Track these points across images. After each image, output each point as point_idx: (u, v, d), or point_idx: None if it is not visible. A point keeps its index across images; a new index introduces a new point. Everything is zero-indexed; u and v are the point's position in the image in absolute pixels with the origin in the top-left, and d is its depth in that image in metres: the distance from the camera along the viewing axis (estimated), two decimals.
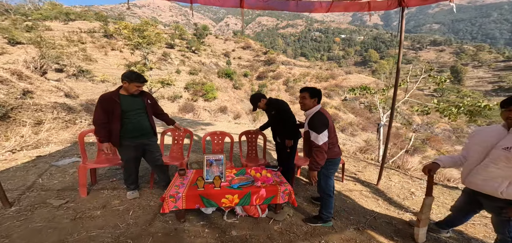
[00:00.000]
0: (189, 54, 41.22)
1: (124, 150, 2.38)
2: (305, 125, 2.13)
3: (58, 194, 2.54)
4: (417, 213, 1.84)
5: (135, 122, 2.32)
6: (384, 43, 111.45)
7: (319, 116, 1.98)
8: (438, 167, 1.74)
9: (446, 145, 21.99)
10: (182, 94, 22.60)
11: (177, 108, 18.42)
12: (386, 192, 3.03)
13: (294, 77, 42.13)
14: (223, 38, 65.11)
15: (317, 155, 1.91)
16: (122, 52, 29.92)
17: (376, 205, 2.68)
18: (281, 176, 2.41)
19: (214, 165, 2.33)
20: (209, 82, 28.30)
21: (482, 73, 64.12)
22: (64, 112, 6.12)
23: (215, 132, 3.33)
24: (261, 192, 2.10)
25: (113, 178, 3.04)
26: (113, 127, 2.23)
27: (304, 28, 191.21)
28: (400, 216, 2.45)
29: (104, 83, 19.98)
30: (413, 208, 2.65)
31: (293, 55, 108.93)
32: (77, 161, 3.61)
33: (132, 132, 2.31)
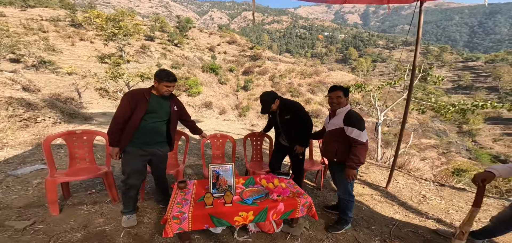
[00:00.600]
0: (171, 47, 39.24)
1: (129, 159, 1.96)
2: (335, 123, 2.04)
3: (20, 213, 2.04)
4: (461, 225, 1.71)
5: (153, 126, 1.99)
6: (363, 42, 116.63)
7: (355, 113, 1.93)
8: (493, 177, 1.59)
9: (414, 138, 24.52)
10: None
11: None
12: (397, 196, 2.93)
13: (280, 72, 42.32)
14: (207, 32, 63.12)
15: (361, 153, 1.85)
16: (93, 43, 27.43)
17: (392, 211, 2.56)
18: (296, 186, 2.17)
19: (222, 177, 2.01)
20: (193, 76, 27.32)
21: (444, 72, 70.15)
22: (22, 108, 5.22)
23: (215, 135, 2.99)
24: (279, 207, 1.83)
25: (91, 190, 2.56)
26: (128, 128, 1.89)
27: (289, 24, 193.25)
28: (422, 223, 2.34)
29: (71, 75, 18.09)
30: (433, 213, 2.56)
31: (278, 51, 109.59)
32: (42, 168, 3.02)
33: (146, 137, 1.97)
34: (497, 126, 37.32)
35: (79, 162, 2.46)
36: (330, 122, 2.12)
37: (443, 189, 3.16)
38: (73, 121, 6.43)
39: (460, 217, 2.53)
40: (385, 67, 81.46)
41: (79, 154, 2.46)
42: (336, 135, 2.01)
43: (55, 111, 6.09)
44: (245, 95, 38.12)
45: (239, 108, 33.90)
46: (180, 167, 2.64)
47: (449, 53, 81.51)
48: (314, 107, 33.96)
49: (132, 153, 1.95)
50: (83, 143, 2.49)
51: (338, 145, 1.99)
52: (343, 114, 1.97)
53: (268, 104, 2.32)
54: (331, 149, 2.05)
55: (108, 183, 2.32)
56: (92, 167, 2.46)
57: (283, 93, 37.59)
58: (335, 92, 2.04)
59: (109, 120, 9.65)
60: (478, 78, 59.15)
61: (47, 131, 5.12)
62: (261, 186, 2.14)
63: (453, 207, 2.75)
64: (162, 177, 2.27)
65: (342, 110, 2.01)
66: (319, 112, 32.92)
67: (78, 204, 2.27)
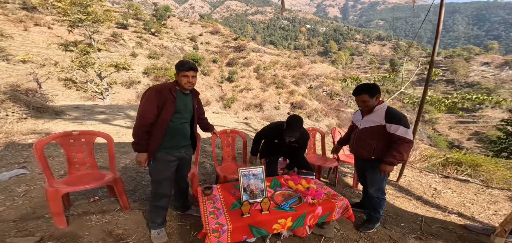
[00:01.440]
0: (147, 36, 36.62)
1: (159, 166, 1.75)
2: (372, 119, 1.96)
3: (19, 228, 1.75)
4: (503, 222, 1.78)
5: (180, 127, 1.79)
6: (342, 35, 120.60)
7: (395, 110, 1.87)
8: None
9: None
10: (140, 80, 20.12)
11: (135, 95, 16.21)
12: (410, 190, 3.03)
13: (264, 64, 42.16)
14: (188, 21, 60.02)
15: (406, 151, 1.80)
16: (52, 29, 24.48)
17: (412, 206, 2.62)
18: (325, 186, 2.12)
19: (252, 181, 1.88)
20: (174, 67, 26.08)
21: (411, 66, 76.08)
22: None
23: (225, 131, 2.80)
24: (317, 211, 1.76)
25: (93, 197, 2.29)
26: (156, 130, 1.67)
27: (273, 16, 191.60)
28: (447, 218, 2.39)
29: (26, 63, 15.99)
30: (452, 207, 2.61)
31: (262, 42, 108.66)
32: (22, 174, 2.64)
33: (174, 139, 1.77)
34: (452, 115, 41.69)
35: (79, 168, 2.15)
36: (365, 119, 2.03)
37: (449, 181, 3.37)
38: (41, 117, 5.70)
39: (477, 210, 2.62)
40: (361, 60, 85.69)
41: (78, 159, 2.15)
42: (374, 133, 1.94)
43: (18, 105, 5.33)
44: (230, 86, 37.43)
45: (224, 99, 33.28)
46: (195, 169, 2.44)
47: (415, 48, 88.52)
48: (297, 99, 34.67)
49: (163, 159, 1.73)
50: (81, 146, 2.17)
51: (376, 142, 1.93)
52: (383, 111, 1.89)
53: (297, 128, 2.15)
54: (368, 146, 1.98)
55: (118, 190, 2.06)
56: (95, 173, 2.17)
57: (268, 84, 37.65)
58: (360, 96, 1.92)
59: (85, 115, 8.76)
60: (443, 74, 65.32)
61: (13, 128, 4.46)
62: (289, 188, 2.06)
63: (467, 200, 2.85)
64: (185, 182, 2.08)
65: (379, 107, 1.93)
66: (303, 103, 33.74)
67: (85, 214, 2.01)
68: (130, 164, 3.43)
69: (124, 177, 2.90)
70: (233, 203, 1.79)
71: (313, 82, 42.35)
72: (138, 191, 2.63)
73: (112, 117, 7.13)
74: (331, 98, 39.77)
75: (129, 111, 8.61)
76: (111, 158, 2.28)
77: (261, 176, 1.90)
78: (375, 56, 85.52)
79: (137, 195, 2.54)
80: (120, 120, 6.74)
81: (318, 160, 3.06)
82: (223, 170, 2.56)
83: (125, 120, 6.82)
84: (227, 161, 2.77)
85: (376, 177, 1.99)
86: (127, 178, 2.91)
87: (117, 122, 6.45)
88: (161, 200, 1.80)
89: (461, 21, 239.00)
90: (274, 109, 31.49)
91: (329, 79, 42.88)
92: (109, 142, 2.25)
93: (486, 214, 2.54)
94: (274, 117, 26.75)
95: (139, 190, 2.64)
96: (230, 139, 2.78)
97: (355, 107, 36.99)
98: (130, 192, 2.56)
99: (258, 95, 35.09)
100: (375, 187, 2.03)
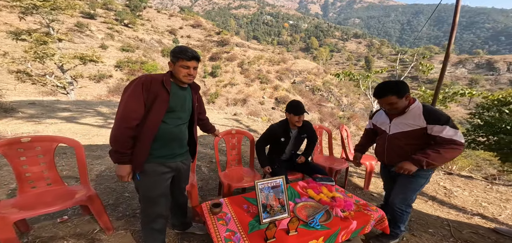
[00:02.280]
0: (120, 27, 33.73)
1: (150, 180, 1.35)
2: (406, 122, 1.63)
3: None
4: None
5: (176, 131, 1.39)
6: (323, 32, 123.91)
7: (435, 109, 1.57)
8: None
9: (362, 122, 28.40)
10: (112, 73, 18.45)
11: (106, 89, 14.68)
12: (423, 190, 2.89)
13: (249, 59, 41.58)
14: (167, 13, 56.62)
15: (451, 155, 1.49)
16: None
17: (431, 208, 2.48)
18: (350, 194, 1.86)
19: (272, 195, 1.53)
20: (151, 61, 24.34)
21: (382, 63, 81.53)
22: None
23: (230, 132, 2.41)
24: (351, 226, 1.48)
25: (61, 217, 1.82)
26: (144, 134, 1.25)
27: (257, 10, 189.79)
28: (472, 221, 2.29)
29: None
30: (471, 209, 2.54)
31: (246, 37, 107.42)
32: None
33: (169, 147, 1.38)
34: None
35: (35, 185, 1.62)
36: (395, 122, 1.68)
37: (454, 178, 3.34)
38: None
39: (497, 210, 2.56)
40: (340, 56, 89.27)
41: (33, 173, 1.62)
42: (412, 137, 1.60)
43: None
44: (213, 81, 36.32)
45: (207, 95, 32.21)
46: (193, 178, 2.02)
47: (386, 46, 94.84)
48: (282, 94, 34.85)
49: (153, 171, 1.33)
50: (36, 156, 1.64)
51: (414, 148, 1.60)
52: (420, 111, 1.57)
53: (302, 105, 2.12)
54: (404, 153, 1.64)
55: (96, 210, 1.60)
56: (61, 190, 1.66)
57: (253, 79, 37.21)
58: (386, 98, 1.58)
59: (44, 112, 7.73)
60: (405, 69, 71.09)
61: None
62: (310, 198, 1.75)
63: (481, 199, 2.80)
64: (183, 196, 1.69)
65: (413, 106, 1.60)
66: (287, 98, 33.99)
67: (53, 239, 1.55)
68: (107, 171, 2.87)
69: (100, 189, 2.38)
70: (249, 222, 1.43)
71: (296, 77, 42.86)
72: (121, 205, 2.15)
73: (79, 114, 6.19)
74: (313, 93, 40.69)
75: (101, 107, 7.62)
76: (82, 170, 1.77)
77: (282, 188, 1.56)
78: (352, 53, 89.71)
79: (120, 210, 2.07)
80: (89, 118, 5.87)
81: (326, 161, 2.81)
82: (228, 177, 2.18)
83: (96, 118, 5.96)
84: (232, 166, 2.38)
85: (408, 187, 1.68)
86: (105, 190, 2.39)
87: (86, 120, 5.60)
88: (157, 221, 1.42)
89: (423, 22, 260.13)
90: (259, 104, 31.25)
91: (311, 75, 43.78)
92: (77, 149, 1.74)
93: (507, 214, 2.48)
94: (259, 112, 26.54)
95: (122, 204, 2.16)
96: (235, 140, 2.38)
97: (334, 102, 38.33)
98: (111, 207, 2.08)
99: (242, 90, 34.59)
100: (401, 197, 1.72)
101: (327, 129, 3.12)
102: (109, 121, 5.76)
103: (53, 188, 1.68)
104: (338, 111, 33.97)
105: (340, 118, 27.88)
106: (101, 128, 5.12)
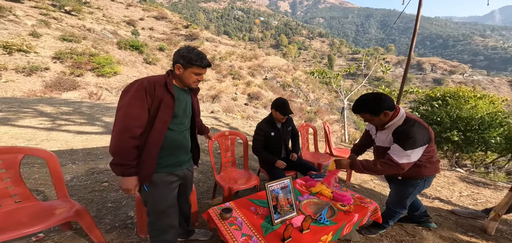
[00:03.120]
0: (58, 14, 28.99)
1: (159, 191, 1.27)
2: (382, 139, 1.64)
3: None
4: (497, 207, 1.96)
5: (181, 138, 1.33)
6: (291, 30, 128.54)
7: (408, 129, 1.45)
8: None
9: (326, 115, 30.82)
10: (49, 66, 15.90)
11: (41, 84, 12.49)
12: None
13: (220, 55, 40.50)
14: (124, 2, 50.71)
15: (385, 169, 1.49)
16: None
17: None
18: (347, 189, 2.01)
19: (281, 196, 1.57)
20: (104, 53, 21.69)
21: (341, 62, 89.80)
22: None
23: (223, 133, 2.35)
24: (354, 219, 1.63)
25: (36, 235, 1.62)
26: (150, 144, 1.16)
27: (227, 5, 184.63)
28: (434, 205, 2.56)
29: None
30: (431, 193, 2.80)
31: (216, 32, 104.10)
32: None
33: (175, 155, 1.32)
34: None
35: None
36: (378, 135, 1.70)
37: None
38: None
39: (448, 193, 2.88)
40: (307, 54, 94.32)
41: None
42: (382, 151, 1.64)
43: None
44: None
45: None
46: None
47: (344, 46, 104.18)
48: (254, 90, 35.05)
49: (162, 181, 1.25)
50: None
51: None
52: (392, 130, 1.53)
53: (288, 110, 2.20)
54: None
55: (86, 225, 1.44)
56: (34, 207, 1.42)
57: (225, 75, 36.45)
58: (360, 114, 1.57)
59: None
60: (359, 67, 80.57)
61: None
62: (311, 195, 1.85)
63: (437, 185, 3.14)
64: (188, 203, 1.64)
65: (391, 123, 1.54)
66: (259, 94, 34.39)
67: None
68: (75, 180, 2.53)
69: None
70: (262, 224, 1.46)
71: (268, 73, 43.60)
72: (106, 217, 1.94)
73: (14, 115, 5.04)
74: (284, 89, 42.09)
75: (42, 105, 6.32)
76: (59, 182, 1.55)
77: (290, 188, 1.61)
78: (317, 51, 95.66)
79: (107, 222, 1.87)
80: (30, 119, 4.80)
81: (313, 158, 2.97)
82: (225, 180, 2.13)
83: (39, 119, 4.91)
84: (227, 168, 2.33)
85: (398, 194, 1.80)
86: (80, 202, 2.11)
87: (26, 122, 4.56)
88: (168, 233, 1.35)
89: (373, 25, 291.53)
90: (232, 100, 30.85)
91: (282, 71, 45.10)
92: (49, 161, 1.51)
93: (456, 196, 2.85)
94: (233, 108, 26.25)
95: (107, 216, 1.95)
96: (229, 142, 2.33)
97: (303, 97, 40.43)
98: (95, 219, 1.85)
99: (214, 86, 33.62)
100: (395, 200, 1.85)
101: (312, 126, 3.29)
102: (58, 123, 4.83)
103: (24, 205, 1.43)
104: (306, 106, 35.97)
105: (308, 112, 29.49)
106: (51, 131, 4.27)
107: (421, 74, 73.84)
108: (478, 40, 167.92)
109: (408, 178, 1.70)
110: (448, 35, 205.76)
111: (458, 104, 5.30)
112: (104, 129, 4.96)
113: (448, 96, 5.54)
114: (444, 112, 5.09)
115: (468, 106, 5.27)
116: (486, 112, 4.93)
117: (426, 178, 1.70)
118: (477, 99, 5.43)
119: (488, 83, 65.24)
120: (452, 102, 5.40)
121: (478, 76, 73.97)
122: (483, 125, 4.75)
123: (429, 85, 56.79)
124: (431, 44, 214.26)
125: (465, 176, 3.66)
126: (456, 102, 5.36)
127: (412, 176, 1.66)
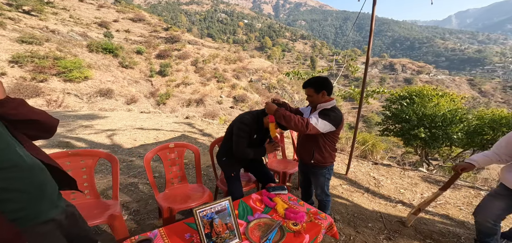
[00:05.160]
0: (15, 14, 26.58)
1: None
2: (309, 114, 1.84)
3: None
4: (421, 204, 1.99)
5: None
6: (275, 32, 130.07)
7: (333, 110, 1.73)
8: (472, 168, 1.73)
9: None
10: (5, 71, 14.45)
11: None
12: (359, 182, 3.14)
13: (203, 57, 39.60)
14: (95, 3, 47.77)
15: (294, 123, 1.62)
16: None
17: (367, 200, 2.70)
18: (301, 201, 1.82)
19: (217, 221, 1.32)
20: (71, 56, 20.14)
21: (323, 63, 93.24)
22: None
23: (167, 146, 2.05)
24: (305, 241, 1.43)
25: None
26: None
27: (210, 7, 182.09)
28: (395, 209, 2.54)
29: None
30: (394, 196, 2.79)
31: (199, 35, 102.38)
32: None
33: None
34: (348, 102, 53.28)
35: None
36: (310, 117, 1.77)
37: (378, 168, 3.80)
38: None
39: (411, 195, 2.92)
40: (290, 56, 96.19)
41: None
42: (313, 135, 1.74)
43: None
44: (163, 81, 32.99)
45: (156, 95, 29.11)
46: (115, 209, 1.60)
47: (325, 48, 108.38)
48: (239, 92, 34.72)
49: None
50: None
51: (315, 146, 1.81)
52: (319, 110, 1.75)
53: None
54: (307, 150, 1.87)
55: None
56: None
57: (209, 78, 35.67)
58: (306, 89, 1.81)
59: None
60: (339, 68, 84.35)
61: None
62: (262, 214, 1.63)
63: (399, 186, 3.17)
64: None
65: (323, 105, 1.75)
66: (245, 97, 34.10)
67: None
68: None
69: None
70: None
71: (253, 76, 43.51)
72: None
73: None
74: (269, 91, 42.29)
75: None
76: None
77: (229, 211, 1.38)
78: (300, 53, 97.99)
79: None
80: None
81: (280, 165, 2.77)
82: (167, 200, 1.84)
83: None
84: (174, 185, 2.04)
85: (319, 181, 1.96)
86: None
87: None
88: None
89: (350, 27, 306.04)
90: (217, 103, 30.21)
91: (267, 73, 45.32)
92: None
93: (418, 198, 2.85)
94: (218, 112, 25.65)
95: None
96: (174, 155, 2.04)
97: (288, 98, 40.93)
98: None
99: (198, 90, 32.79)
100: (319, 190, 2.00)
101: None
102: None
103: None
104: None
105: None
106: None
107: (394, 74, 79.24)
108: (439, 43, 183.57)
109: (319, 168, 1.90)
110: (414, 37, 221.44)
111: (423, 102, 5.54)
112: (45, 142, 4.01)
113: (414, 95, 5.75)
114: (411, 110, 5.30)
115: (432, 104, 5.53)
116: (447, 109, 5.22)
117: (330, 166, 1.94)
118: (439, 97, 5.70)
119: (450, 82, 72.62)
120: (417, 101, 5.61)
121: (441, 75, 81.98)
122: (446, 121, 5.02)
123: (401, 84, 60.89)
124: (401, 46, 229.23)
125: (427, 175, 3.73)
126: (421, 101, 5.59)
127: (323, 164, 1.88)
